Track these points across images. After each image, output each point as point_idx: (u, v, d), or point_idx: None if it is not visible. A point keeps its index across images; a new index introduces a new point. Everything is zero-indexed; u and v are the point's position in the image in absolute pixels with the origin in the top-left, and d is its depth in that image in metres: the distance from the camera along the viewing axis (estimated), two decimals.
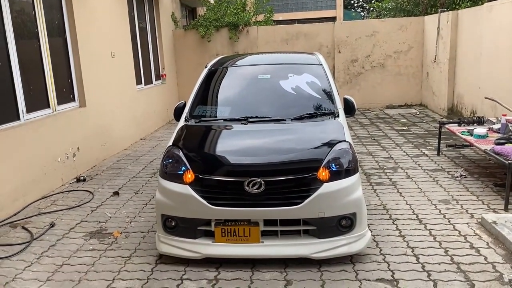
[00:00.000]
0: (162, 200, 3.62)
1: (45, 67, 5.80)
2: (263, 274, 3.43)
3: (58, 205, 5.17)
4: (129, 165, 6.85)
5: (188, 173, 3.53)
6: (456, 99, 9.29)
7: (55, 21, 6.16)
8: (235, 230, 3.45)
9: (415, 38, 10.95)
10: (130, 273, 3.55)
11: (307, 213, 3.40)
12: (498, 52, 7.34)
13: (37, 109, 5.64)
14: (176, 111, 4.56)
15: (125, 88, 8.19)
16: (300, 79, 4.59)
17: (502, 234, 3.72)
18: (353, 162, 3.59)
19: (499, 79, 7.27)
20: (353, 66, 11.27)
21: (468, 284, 3.18)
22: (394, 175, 5.79)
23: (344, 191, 3.45)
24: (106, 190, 5.67)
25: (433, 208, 4.62)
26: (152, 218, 4.66)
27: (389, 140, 7.78)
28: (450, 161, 6.27)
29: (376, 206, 4.73)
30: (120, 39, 7.99)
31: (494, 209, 4.49)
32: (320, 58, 5.04)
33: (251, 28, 11.36)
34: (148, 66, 9.79)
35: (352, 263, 3.54)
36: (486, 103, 7.61)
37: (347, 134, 3.85)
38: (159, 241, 3.70)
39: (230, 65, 5.09)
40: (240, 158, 3.67)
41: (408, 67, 11.14)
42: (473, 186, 5.18)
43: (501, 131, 5.55)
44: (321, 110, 4.27)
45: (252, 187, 3.36)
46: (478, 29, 8.11)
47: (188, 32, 11.43)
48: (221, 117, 4.34)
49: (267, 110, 4.30)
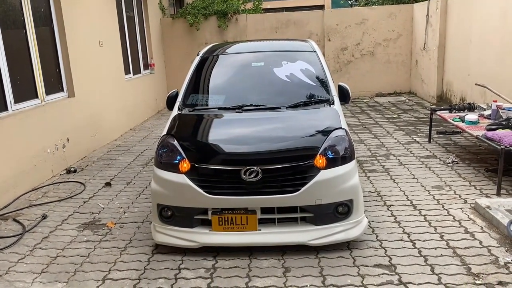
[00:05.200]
0: (157, 190, 3.58)
1: (32, 57, 5.67)
2: (261, 262, 3.43)
3: (49, 196, 5.09)
4: (120, 155, 6.77)
5: (184, 162, 3.49)
6: (445, 86, 9.35)
7: (42, 10, 6.01)
8: (232, 219, 3.43)
9: (404, 25, 10.96)
10: (126, 263, 3.52)
11: (304, 200, 3.39)
12: (487, 39, 7.38)
13: (25, 99, 5.52)
14: (168, 100, 4.50)
15: (114, 77, 8.06)
16: (294, 67, 4.55)
17: (496, 218, 3.77)
18: (350, 149, 3.59)
19: (488, 66, 7.32)
20: (343, 54, 11.26)
21: (464, 268, 3.21)
22: (387, 162, 5.81)
23: (341, 178, 3.45)
24: (98, 181, 5.59)
25: (427, 194, 4.65)
26: (146, 208, 4.62)
27: (380, 127, 7.81)
28: (441, 147, 6.32)
29: (370, 193, 4.75)
30: (108, 28, 7.85)
31: (487, 194, 4.54)
32: (314, 45, 5.00)
33: (240, 16, 11.25)
34: (136, 55, 9.64)
35: (350, 249, 3.55)
36: (475, 90, 7.66)
37: (343, 121, 3.84)
38: (155, 231, 3.67)
39: (222, 52, 5.03)
40: (237, 146, 3.63)
41: (397, 55, 11.16)
42: (465, 172, 5.23)
43: (491, 117, 5.60)
44: (316, 98, 4.24)
45: (249, 175, 3.34)
46: (467, 16, 8.14)
47: (176, 20, 11.28)
48: (215, 106, 4.28)
49: (262, 98, 4.27)
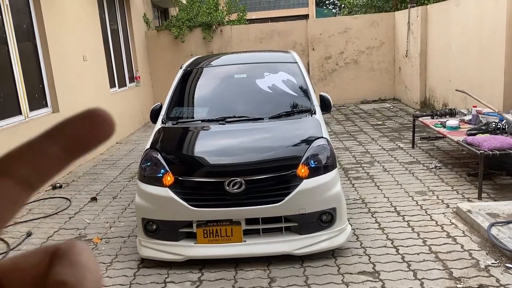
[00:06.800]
0: (142, 204, 3.59)
1: (15, 73, 5.66)
2: (247, 273, 3.45)
3: (34, 213, 5.05)
4: (106, 169, 6.75)
5: (168, 175, 3.51)
6: (428, 92, 9.50)
7: (24, 25, 6.01)
8: (217, 231, 3.45)
9: (386, 33, 11.14)
10: (112, 279, 3.51)
11: (288, 210, 3.43)
12: (466, 45, 7.54)
13: (9, 116, 5.50)
14: (152, 113, 4.51)
15: (99, 91, 8.05)
16: (276, 78, 4.61)
17: (477, 222, 3.84)
18: (331, 158, 3.64)
19: (468, 72, 7.48)
20: (327, 63, 11.39)
21: (446, 272, 3.26)
22: (371, 169, 5.88)
23: (324, 186, 3.49)
24: (84, 196, 5.57)
25: (410, 199, 4.72)
26: (132, 222, 4.61)
27: (365, 134, 7.90)
28: (424, 153, 6.42)
29: (355, 200, 4.80)
30: (92, 42, 7.86)
31: (468, 198, 4.62)
32: (295, 56, 5.08)
33: (224, 28, 11.33)
34: (122, 68, 9.65)
35: (334, 257, 3.59)
36: (457, 95, 7.81)
37: (324, 131, 3.90)
38: (141, 245, 3.66)
39: (205, 65, 5.08)
40: (220, 158, 3.67)
41: (380, 62, 11.32)
42: (447, 177, 5.32)
43: (472, 122, 5.70)
44: (298, 108, 4.31)
45: (233, 187, 3.37)
46: (447, 23, 8.32)
47: (161, 33, 11.33)
48: (198, 118, 4.32)
49: (245, 109, 4.32)
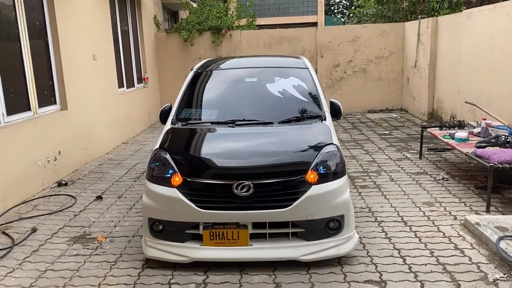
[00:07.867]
0: (149, 204, 3.58)
1: (26, 69, 5.68)
2: (252, 277, 3.42)
3: (39, 210, 5.05)
4: (112, 169, 6.75)
5: (176, 176, 3.50)
6: (436, 104, 9.47)
7: (37, 22, 6.04)
8: (224, 233, 3.43)
9: (395, 43, 11.14)
10: (116, 278, 3.49)
11: (296, 215, 3.40)
12: (477, 58, 7.52)
13: (18, 111, 5.51)
14: (162, 114, 4.51)
15: (107, 91, 8.08)
16: (287, 83, 4.60)
17: (486, 235, 3.80)
18: (341, 165, 3.62)
19: (478, 84, 7.45)
20: (336, 71, 11.39)
21: (454, 284, 3.23)
22: (378, 178, 5.85)
23: (332, 193, 3.47)
24: (89, 194, 5.56)
25: (417, 210, 4.68)
26: (137, 222, 4.60)
27: (371, 144, 7.87)
28: (432, 164, 6.38)
29: (361, 209, 4.77)
30: (102, 41, 7.89)
31: (476, 211, 4.58)
32: (306, 61, 5.07)
33: (234, 32, 11.37)
34: (130, 69, 9.68)
35: (340, 265, 3.55)
36: (465, 108, 7.78)
37: (334, 137, 3.88)
38: (146, 245, 3.65)
39: (216, 68, 5.08)
40: (229, 161, 3.65)
41: (389, 72, 11.31)
42: (455, 189, 5.28)
43: (481, 134, 5.67)
44: (308, 113, 4.29)
45: (241, 190, 3.35)
46: (457, 36, 8.30)
47: (171, 35, 11.37)
48: (208, 120, 4.31)
49: (254, 113, 4.30)
